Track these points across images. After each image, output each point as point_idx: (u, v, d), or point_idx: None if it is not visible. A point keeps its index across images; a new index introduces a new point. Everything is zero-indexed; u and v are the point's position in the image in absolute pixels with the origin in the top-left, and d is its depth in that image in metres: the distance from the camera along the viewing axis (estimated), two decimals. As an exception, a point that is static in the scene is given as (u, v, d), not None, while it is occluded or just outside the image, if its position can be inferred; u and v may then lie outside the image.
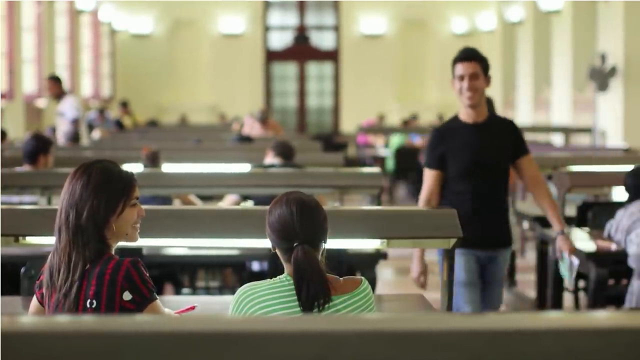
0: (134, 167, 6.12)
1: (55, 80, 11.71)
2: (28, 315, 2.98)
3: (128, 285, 2.78)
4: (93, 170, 2.85)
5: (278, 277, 2.92)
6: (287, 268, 2.93)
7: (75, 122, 11.33)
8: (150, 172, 6.14)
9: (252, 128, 11.59)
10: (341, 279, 2.94)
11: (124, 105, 18.01)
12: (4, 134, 9.10)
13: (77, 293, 2.79)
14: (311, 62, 22.19)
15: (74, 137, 10.27)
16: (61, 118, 11.45)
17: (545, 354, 1.30)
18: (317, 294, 2.84)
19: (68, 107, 11.41)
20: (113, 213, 2.85)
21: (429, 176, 4.90)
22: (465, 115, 4.89)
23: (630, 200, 5.10)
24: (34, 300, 2.95)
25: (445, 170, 4.87)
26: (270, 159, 6.56)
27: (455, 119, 4.95)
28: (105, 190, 2.84)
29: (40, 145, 6.29)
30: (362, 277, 2.99)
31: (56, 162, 6.79)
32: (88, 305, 2.78)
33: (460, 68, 4.79)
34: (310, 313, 2.84)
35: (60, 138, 10.84)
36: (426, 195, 4.90)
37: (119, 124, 15.85)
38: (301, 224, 2.87)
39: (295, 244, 2.87)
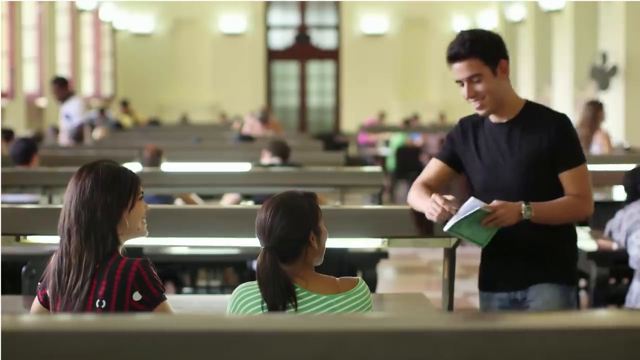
0: (133, 167, 6.12)
1: (60, 82, 11.49)
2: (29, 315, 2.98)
3: (138, 286, 2.79)
4: (99, 169, 2.88)
5: None
6: None
7: (81, 126, 11.27)
8: (151, 171, 6.15)
9: (253, 127, 11.58)
10: (337, 279, 2.94)
11: (125, 104, 18.01)
12: (10, 133, 9.26)
13: (87, 293, 2.79)
14: (312, 61, 22.18)
15: (78, 136, 10.27)
16: (66, 120, 11.34)
17: (546, 353, 1.30)
18: (275, 300, 2.84)
19: (74, 111, 11.24)
20: (125, 207, 2.87)
21: (430, 164, 3.70)
22: None
23: (629, 200, 5.09)
24: (36, 302, 2.94)
25: (456, 168, 3.67)
26: (267, 158, 6.56)
27: None
28: (115, 186, 2.86)
29: (31, 146, 6.69)
30: (359, 278, 3.00)
31: (58, 161, 6.89)
32: (97, 305, 2.78)
33: (453, 71, 3.50)
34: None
35: (63, 138, 10.81)
36: (415, 184, 3.66)
37: (119, 125, 15.82)
38: (271, 227, 2.87)
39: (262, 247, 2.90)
